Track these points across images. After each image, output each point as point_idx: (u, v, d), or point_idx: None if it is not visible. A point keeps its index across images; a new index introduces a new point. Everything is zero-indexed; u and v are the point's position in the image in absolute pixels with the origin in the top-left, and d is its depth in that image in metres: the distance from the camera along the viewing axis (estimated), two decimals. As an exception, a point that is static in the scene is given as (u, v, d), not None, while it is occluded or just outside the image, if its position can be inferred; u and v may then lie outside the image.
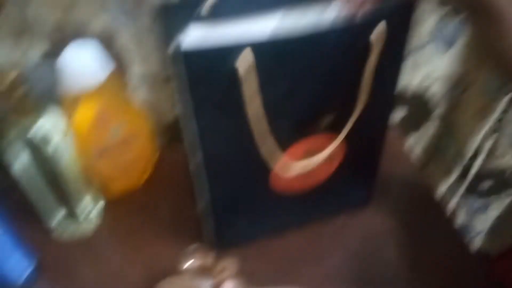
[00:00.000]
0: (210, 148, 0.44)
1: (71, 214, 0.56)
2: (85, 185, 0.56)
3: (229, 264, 0.48)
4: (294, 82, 0.42)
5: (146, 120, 0.61)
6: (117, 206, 0.62)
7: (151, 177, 0.66)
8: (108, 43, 0.59)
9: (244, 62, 0.37)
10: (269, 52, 0.38)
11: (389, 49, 0.42)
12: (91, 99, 0.53)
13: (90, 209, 0.58)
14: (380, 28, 0.40)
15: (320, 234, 0.58)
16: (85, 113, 0.53)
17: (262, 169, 0.48)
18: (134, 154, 0.60)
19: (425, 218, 0.62)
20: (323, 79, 0.43)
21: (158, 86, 0.66)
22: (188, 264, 0.48)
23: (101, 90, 0.52)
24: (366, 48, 0.41)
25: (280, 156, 0.45)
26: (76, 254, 0.57)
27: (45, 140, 0.48)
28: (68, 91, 0.52)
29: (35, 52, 0.59)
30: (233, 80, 0.38)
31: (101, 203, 0.61)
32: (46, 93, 0.60)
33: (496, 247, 1.13)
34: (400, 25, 0.43)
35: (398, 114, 0.81)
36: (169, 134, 0.73)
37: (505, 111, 0.76)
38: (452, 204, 0.97)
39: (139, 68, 0.64)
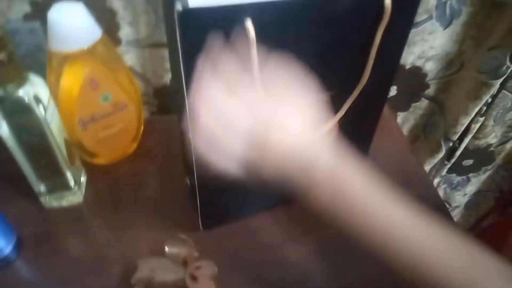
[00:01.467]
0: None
1: (58, 184, 0.54)
2: (72, 155, 0.54)
3: (207, 265, 0.48)
4: (295, 53, 0.39)
5: (136, 88, 0.59)
6: (104, 178, 0.60)
7: (138, 147, 0.64)
8: (96, 5, 0.56)
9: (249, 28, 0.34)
10: (269, 18, 0.35)
11: (398, 19, 0.40)
12: (79, 61, 0.50)
13: (77, 179, 0.56)
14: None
15: (307, 210, 0.58)
16: (73, 77, 0.51)
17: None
18: (122, 124, 0.58)
19: (412, 193, 0.62)
20: (326, 53, 0.41)
21: (146, 52, 0.63)
22: (171, 250, 0.48)
23: (90, 53, 0.50)
24: (377, 15, 0.39)
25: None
26: (60, 226, 0.55)
27: (37, 99, 0.45)
28: (56, 51, 0.49)
29: (15, 13, 0.56)
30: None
31: (87, 174, 0.59)
32: (29, 57, 0.57)
33: (471, 221, 1.18)
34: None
35: (391, 91, 0.81)
36: (158, 102, 0.71)
37: (495, 95, 0.77)
38: (435, 181, 0.99)
39: (127, 33, 0.61)
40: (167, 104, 0.70)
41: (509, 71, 0.72)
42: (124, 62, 0.58)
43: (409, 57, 0.74)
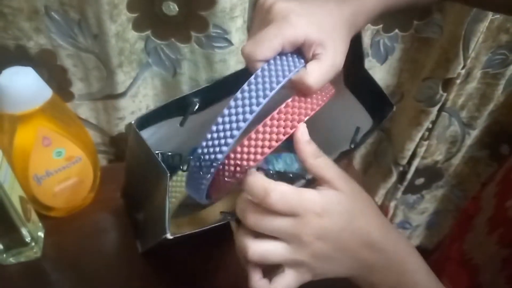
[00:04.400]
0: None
1: (14, 241, 0.54)
2: (27, 211, 0.55)
3: None
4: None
5: (90, 140, 0.61)
6: (63, 230, 0.60)
7: (96, 197, 0.65)
8: (48, 64, 0.58)
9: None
10: None
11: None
12: (32, 121, 0.51)
13: (34, 235, 0.57)
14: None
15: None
16: (27, 136, 0.52)
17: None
18: (78, 177, 0.59)
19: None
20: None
21: (99, 103, 0.65)
22: None
23: (41, 112, 0.51)
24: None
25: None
26: (19, 283, 0.55)
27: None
28: (8, 113, 0.50)
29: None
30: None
31: (44, 229, 0.60)
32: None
33: (434, 241, 1.23)
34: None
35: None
36: (114, 150, 0.72)
37: (434, 121, 0.83)
38: (392, 204, 1.03)
39: (79, 87, 0.63)
40: (124, 151, 0.71)
41: (443, 99, 0.78)
42: (77, 117, 0.60)
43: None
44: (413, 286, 0.36)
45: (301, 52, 0.35)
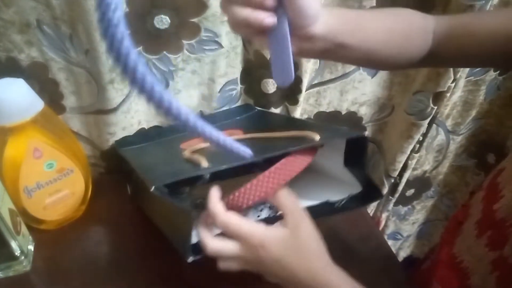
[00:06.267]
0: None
1: (3, 255, 0.54)
2: (17, 224, 0.54)
3: None
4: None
5: (82, 153, 0.60)
6: (53, 243, 0.60)
7: (88, 210, 0.64)
8: (40, 77, 0.58)
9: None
10: None
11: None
12: (23, 133, 0.51)
13: (23, 248, 0.56)
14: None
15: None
16: (17, 148, 0.52)
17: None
18: (69, 189, 0.59)
19: (356, 233, 0.66)
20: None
21: (91, 117, 0.65)
22: None
23: (33, 123, 0.51)
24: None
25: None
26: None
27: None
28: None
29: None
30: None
31: (34, 242, 0.59)
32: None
33: (425, 250, 1.23)
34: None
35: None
36: (105, 163, 0.72)
37: (425, 134, 0.84)
38: (384, 215, 1.03)
39: (71, 101, 0.63)
40: (115, 165, 0.71)
41: (433, 112, 0.79)
42: (69, 129, 0.60)
43: (343, 104, 0.80)
44: None
45: None
